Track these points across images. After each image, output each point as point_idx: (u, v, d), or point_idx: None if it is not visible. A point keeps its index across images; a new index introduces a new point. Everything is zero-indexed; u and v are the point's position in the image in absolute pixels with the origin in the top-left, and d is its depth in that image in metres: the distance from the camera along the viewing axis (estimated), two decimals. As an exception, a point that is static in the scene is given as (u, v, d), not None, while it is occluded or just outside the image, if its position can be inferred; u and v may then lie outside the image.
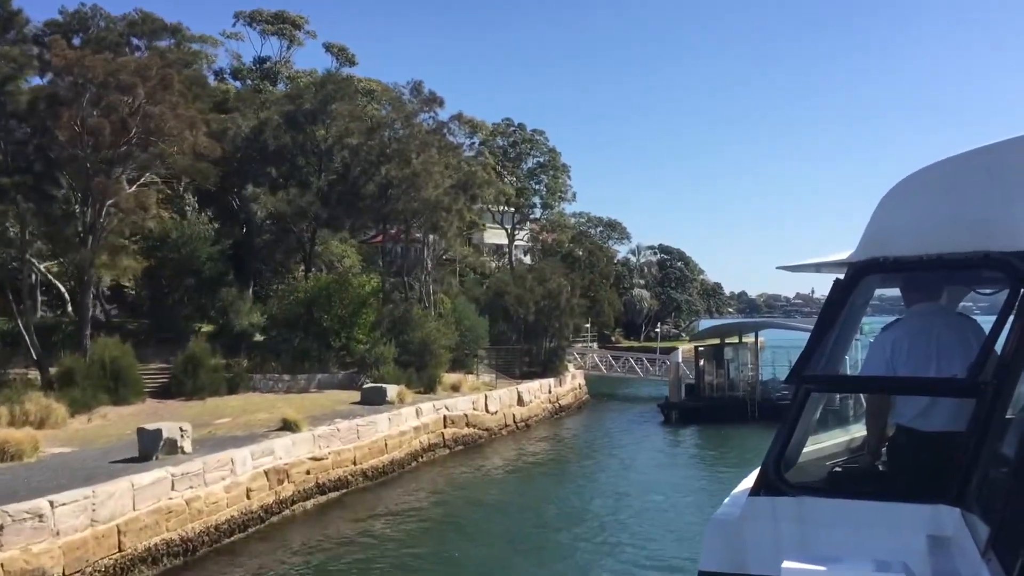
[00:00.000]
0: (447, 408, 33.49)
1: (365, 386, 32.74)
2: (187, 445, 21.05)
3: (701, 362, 44.81)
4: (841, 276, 4.23)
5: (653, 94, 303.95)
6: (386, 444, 28.16)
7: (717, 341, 45.90)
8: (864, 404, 5.27)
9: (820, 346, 4.11)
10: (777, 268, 6.36)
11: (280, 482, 22.48)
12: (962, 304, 5.23)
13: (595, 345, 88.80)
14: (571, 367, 51.21)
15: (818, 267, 5.14)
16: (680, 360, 43.59)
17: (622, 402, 51.15)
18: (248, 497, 21.02)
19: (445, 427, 33.03)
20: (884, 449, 4.78)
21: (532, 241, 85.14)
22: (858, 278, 4.12)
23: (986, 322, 4.13)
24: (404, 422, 30.01)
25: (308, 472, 23.86)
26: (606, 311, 79.34)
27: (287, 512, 22.55)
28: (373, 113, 37.50)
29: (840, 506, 3.92)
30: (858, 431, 5.42)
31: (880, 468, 4.74)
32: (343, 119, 37.54)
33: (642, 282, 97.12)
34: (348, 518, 23.07)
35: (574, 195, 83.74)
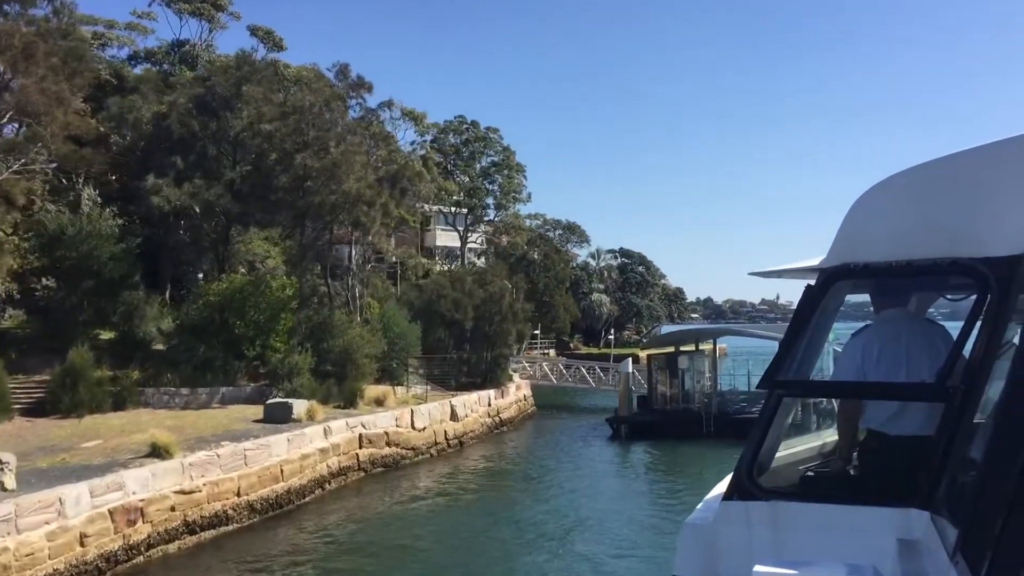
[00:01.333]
0: (363, 426, 29.75)
1: (269, 401, 28.91)
2: (8, 480, 17.19)
3: (652, 372, 41.46)
4: (812, 282, 4.24)
5: (616, 95, 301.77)
6: (282, 470, 24.35)
7: (671, 349, 42.55)
8: (835, 409, 5.29)
9: (792, 351, 4.13)
10: (749, 274, 6.07)
11: (131, 523, 18.63)
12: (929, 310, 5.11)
13: (552, 352, 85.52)
14: (516, 377, 47.61)
15: (789, 273, 5.15)
16: (631, 370, 40.12)
17: (571, 414, 47.61)
18: (82, 544, 17.17)
19: (361, 447, 29.29)
20: (855, 453, 4.71)
21: (487, 244, 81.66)
22: (829, 284, 4.15)
23: (951, 328, 4.18)
24: (308, 443, 26.23)
25: (173, 509, 20.02)
26: (561, 316, 75.97)
27: (140, 559, 18.71)
28: (291, 98, 33.64)
29: (812, 510, 3.94)
30: (830, 436, 5.47)
31: (851, 472, 4.68)
32: (256, 103, 33.69)
33: (601, 287, 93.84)
34: (218, 566, 19.28)
35: (529, 196, 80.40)
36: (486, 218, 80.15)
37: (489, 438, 38.67)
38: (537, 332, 70.84)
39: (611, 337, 60.67)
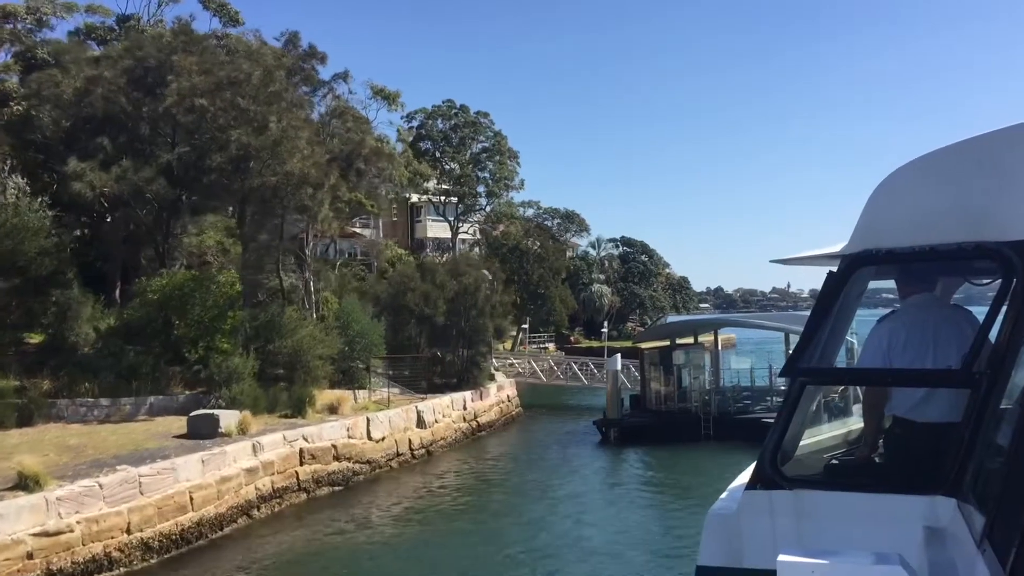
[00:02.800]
0: (305, 438, 25.88)
1: (193, 414, 25.08)
2: None
3: (646, 369, 37.50)
4: (834, 269, 4.18)
5: (621, 86, 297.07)
6: (191, 498, 20.49)
7: (666, 343, 38.58)
8: (860, 396, 5.21)
9: (814, 338, 4.08)
10: (771, 261, 5.94)
11: (-40, 580, 14.84)
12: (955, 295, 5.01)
13: (552, 346, 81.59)
14: (500, 376, 43.68)
15: (811, 260, 5.08)
16: (619, 367, 36.14)
17: (560, 416, 43.61)
18: None
19: (301, 464, 25.42)
20: (880, 441, 4.70)
21: (480, 234, 77.72)
22: (851, 270, 4.10)
23: (978, 313, 4.13)
24: (230, 463, 22.38)
25: (30, 556, 16.19)
26: (558, 309, 72.01)
27: (-26, 625, 14.93)
28: (227, 67, 29.72)
29: (837, 499, 3.91)
30: (855, 423, 5.43)
31: (876, 460, 4.68)
32: (187, 74, 29.80)
33: (602, 277, 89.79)
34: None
35: (523, 183, 76.43)
36: (478, 207, 76.22)
37: (463, 446, 34.78)
38: (526, 326, 66.89)
39: (604, 331, 56.48)
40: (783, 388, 33.40)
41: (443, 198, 75.47)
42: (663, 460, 32.06)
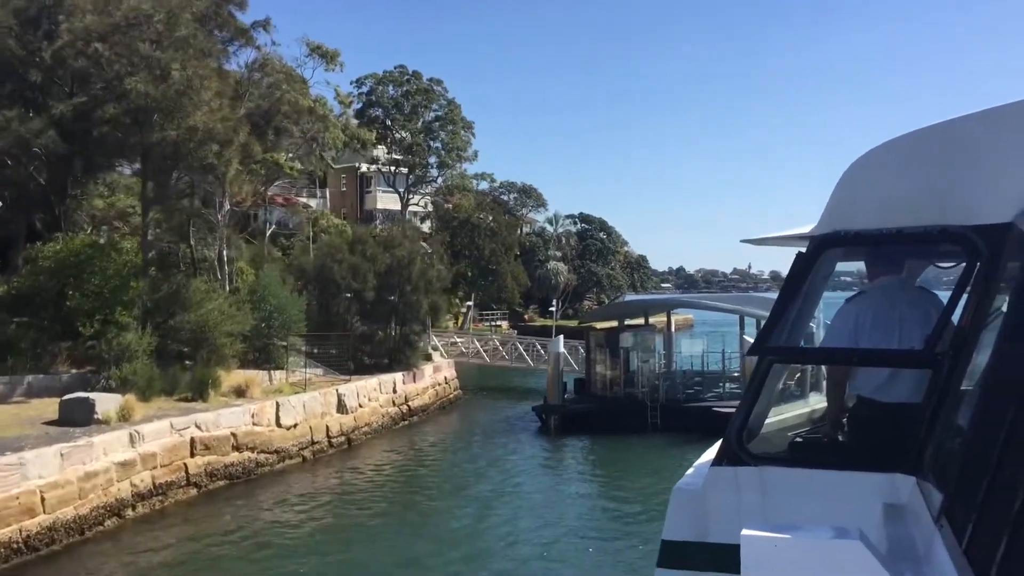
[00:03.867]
0: (199, 426, 22.94)
1: (65, 397, 22.01)
2: None
3: (591, 351, 34.92)
4: (803, 249, 4.22)
5: (582, 63, 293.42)
6: (43, 498, 17.52)
7: (614, 324, 36.02)
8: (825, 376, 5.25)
9: (783, 318, 4.15)
10: (741, 241, 6.15)
11: None
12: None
13: (505, 324, 78.94)
14: (437, 356, 40.85)
15: (781, 240, 5.12)
16: (562, 349, 33.43)
17: (502, 399, 40.86)
18: None
19: (193, 455, 22.48)
20: (844, 420, 4.81)
21: (433, 207, 74.62)
22: (820, 251, 4.16)
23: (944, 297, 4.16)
24: (99, 456, 19.39)
25: None
26: (510, 286, 69.29)
27: None
28: (123, 7, 26.37)
29: (800, 475, 3.98)
30: (818, 403, 5.50)
31: (840, 438, 4.78)
32: (82, 14, 26.46)
33: (559, 254, 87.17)
34: None
35: (476, 154, 73.21)
36: (429, 179, 73.05)
37: (391, 433, 31.98)
38: (469, 303, 64.13)
39: (553, 309, 53.87)
40: (736, 374, 30.96)
41: (393, 168, 72.27)
42: (603, 454, 29.54)
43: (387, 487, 24.35)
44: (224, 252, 30.07)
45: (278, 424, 25.96)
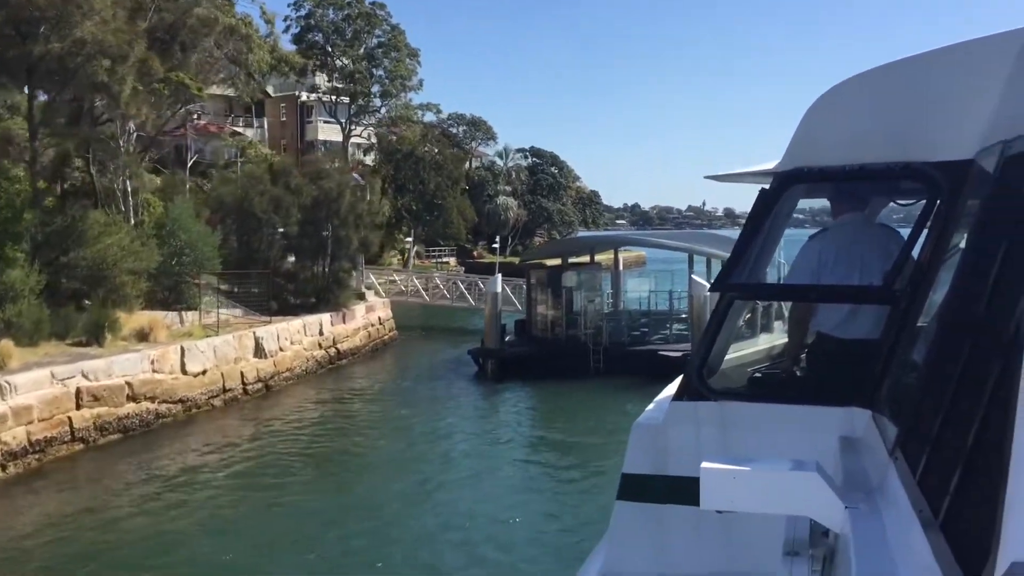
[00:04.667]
0: (86, 375, 20.59)
1: (-71, 344, 19.54)
2: None
3: (532, 291, 32.94)
4: (767, 186, 4.21)
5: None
6: None
7: (558, 262, 34.00)
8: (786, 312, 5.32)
9: (745, 254, 4.14)
10: (705, 177, 6.30)
11: None
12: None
13: (453, 261, 76.70)
14: (372, 295, 38.58)
15: (745, 177, 5.14)
16: (500, 289, 31.32)
17: (441, 341, 38.76)
18: None
19: (79, 407, 20.16)
20: (803, 355, 4.84)
21: (376, 139, 71.42)
22: (783, 188, 4.16)
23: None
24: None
25: None
26: (455, 221, 66.88)
27: None
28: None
29: (759, 410, 4.05)
30: (776, 339, 5.61)
31: (798, 373, 4.81)
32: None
33: (508, 189, 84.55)
34: None
35: (421, 83, 70.05)
36: (372, 108, 69.80)
37: (315, 378, 29.84)
38: (410, 239, 61.65)
39: (496, 245, 51.66)
40: (684, 315, 29.19)
41: (334, 98, 68.94)
42: (540, 400, 27.75)
43: (301, 439, 22.31)
44: (128, 182, 27.28)
45: (183, 371, 23.68)
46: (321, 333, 31.35)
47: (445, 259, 75.05)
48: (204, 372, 24.39)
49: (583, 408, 25.93)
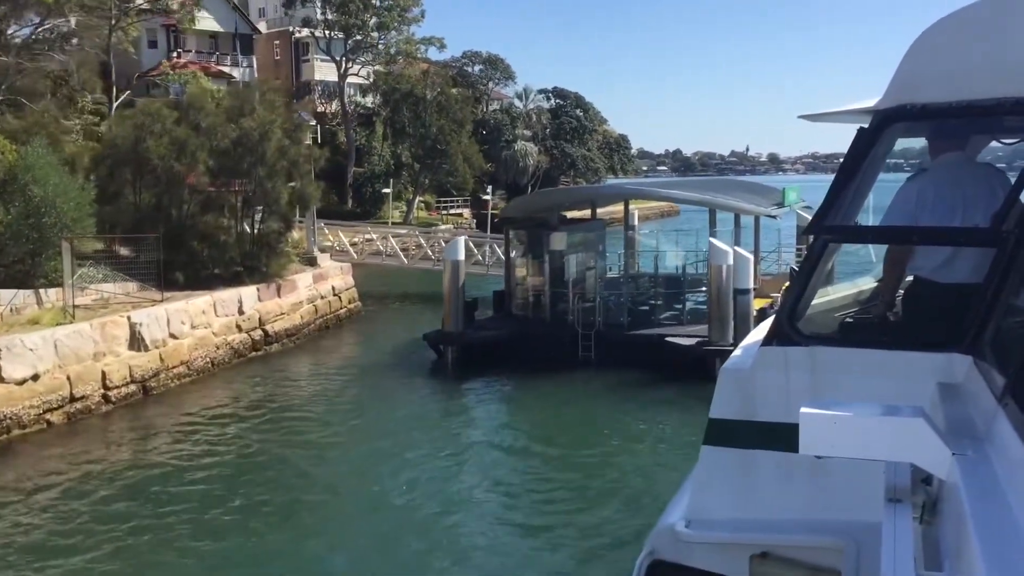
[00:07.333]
0: None
1: None
2: None
3: (512, 253, 26.08)
4: (865, 125, 3.99)
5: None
6: None
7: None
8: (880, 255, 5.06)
9: (841, 196, 3.95)
10: (799, 117, 5.68)
11: None
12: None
13: (467, 212, 69.85)
14: (327, 260, 31.72)
15: (841, 116, 4.90)
16: (462, 256, 24.15)
17: (413, 313, 31.73)
18: None
19: None
20: (898, 299, 4.67)
21: (376, 77, 64.15)
22: (884, 126, 3.93)
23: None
24: None
25: None
26: (461, 168, 59.74)
27: None
28: None
29: (851, 355, 3.89)
30: (865, 284, 5.41)
31: (892, 318, 4.63)
32: None
33: (528, 133, 77.02)
34: None
35: (423, 14, 62.57)
36: (368, 43, 62.46)
37: (227, 371, 23.21)
38: (388, 190, 54.45)
39: (488, 196, 44.46)
40: (705, 288, 22.29)
41: (329, 33, 61.81)
42: (510, 405, 20.99)
43: (168, 465, 15.77)
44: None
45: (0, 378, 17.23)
46: (241, 312, 24.71)
47: (457, 211, 68.19)
48: (35, 377, 17.89)
49: (561, 419, 19.15)
